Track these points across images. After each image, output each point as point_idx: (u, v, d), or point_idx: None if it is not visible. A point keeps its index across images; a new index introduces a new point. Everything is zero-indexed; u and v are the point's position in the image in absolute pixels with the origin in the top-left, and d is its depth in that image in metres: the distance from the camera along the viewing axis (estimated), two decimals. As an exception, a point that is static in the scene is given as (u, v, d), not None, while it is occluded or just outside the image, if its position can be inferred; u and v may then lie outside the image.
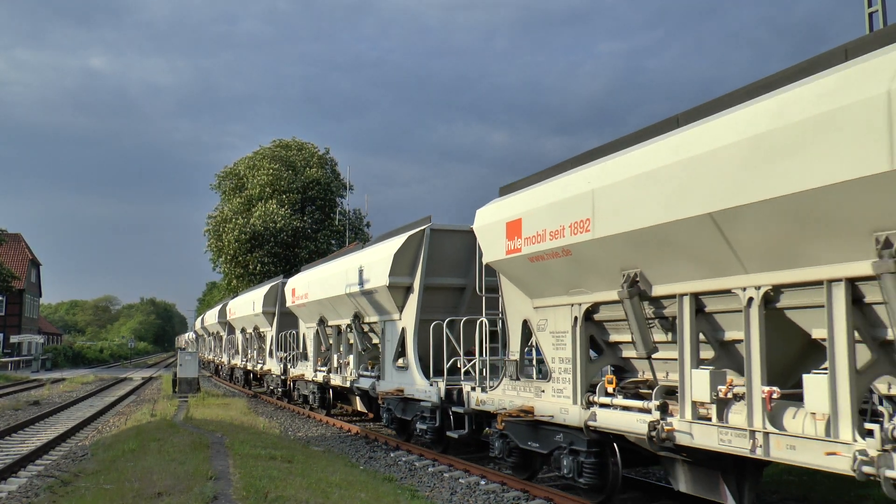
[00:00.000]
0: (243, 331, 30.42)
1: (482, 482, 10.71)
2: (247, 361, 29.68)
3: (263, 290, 26.28)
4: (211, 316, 43.72)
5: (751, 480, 7.77)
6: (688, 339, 7.36)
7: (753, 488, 7.80)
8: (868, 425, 5.57)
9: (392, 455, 13.46)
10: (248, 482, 8.93)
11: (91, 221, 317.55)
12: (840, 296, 5.76)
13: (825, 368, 5.93)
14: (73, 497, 8.77)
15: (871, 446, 5.47)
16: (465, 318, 12.44)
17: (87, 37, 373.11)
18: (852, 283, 5.74)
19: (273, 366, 25.03)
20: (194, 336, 62.46)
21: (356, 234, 48.16)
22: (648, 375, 8.53)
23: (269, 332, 25.86)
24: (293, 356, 22.35)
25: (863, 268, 5.54)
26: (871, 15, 10.50)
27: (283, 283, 23.62)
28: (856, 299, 5.77)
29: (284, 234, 46.47)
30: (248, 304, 28.49)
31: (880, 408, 5.99)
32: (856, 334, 5.79)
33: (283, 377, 23.52)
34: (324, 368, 18.68)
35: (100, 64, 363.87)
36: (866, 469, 5.45)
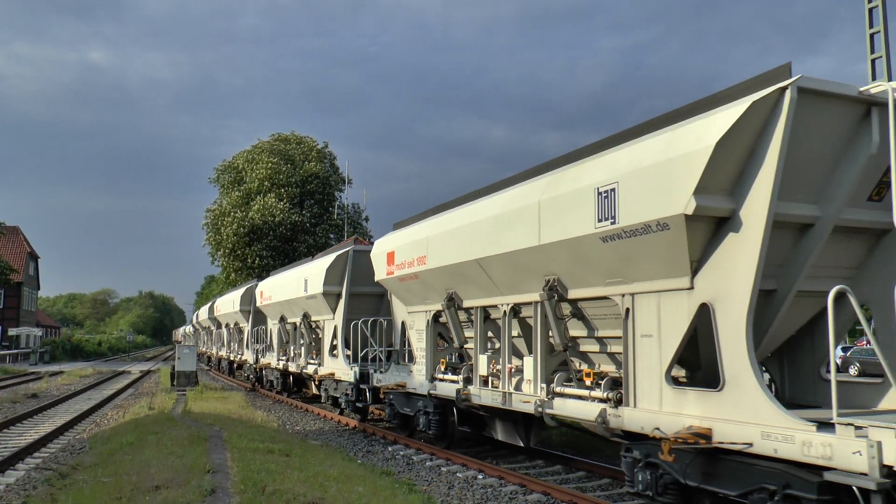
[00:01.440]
0: (227, 326, 34.98)
1: (480, 476, 10.73)
2: (230, 353, 34.68)
3: (240, 291, 30.48)
4: (204, 311, 47.59)
5: (535, 429, 11.99)
6: (478, 335, 11.38)
7: (538, 434, 12.12)
8: (543, 385, 9.48)
9: (390, 449, 13.47)
10: (246, 476, 8.94)
11: (90, 215, 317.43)
12: (539, 310, 9.59)
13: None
14: (71, 490, 8.77)
15: (548, 395, 9.37)
16: (371, 319, 16.34)
17: (87, 31, 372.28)
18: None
19: (248, 356, 28.99)
20: (192, 330, 62.50)
21: (354, 229, 48.19)
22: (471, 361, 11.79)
23: (246, 327, 29.92)
24: (263, 348, 26.32)
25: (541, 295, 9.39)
26: (871, 10, 10.48)
27: (256, 286, 27.40)
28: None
29: (283, 228, 46.46)
30: (229, 303, 32.86)
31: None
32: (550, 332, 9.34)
33: (255, 365, 27.49)
34: (284, 357, 22.71)
35: (99, 58, 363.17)
36: (540, 409, 9.41)
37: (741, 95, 6.70)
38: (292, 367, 21.59)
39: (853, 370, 32.96)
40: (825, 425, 5.76)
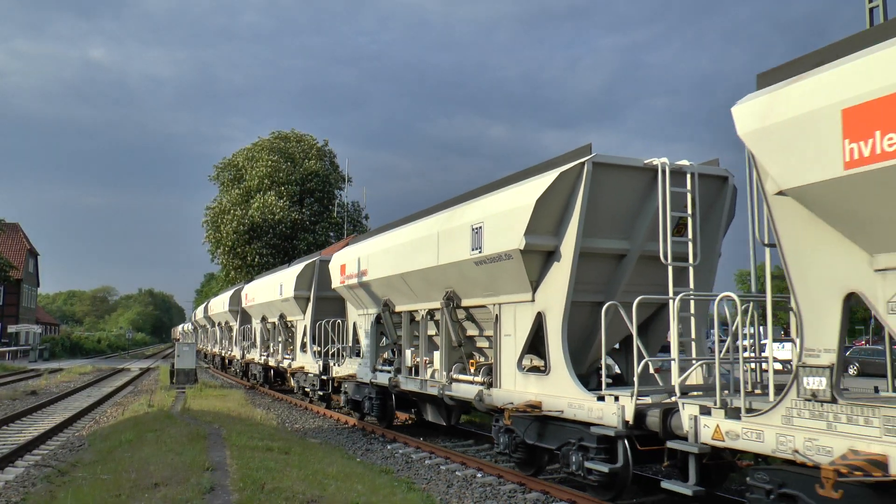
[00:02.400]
0: (219, 325, 38.70)
1: (479, 475, 10.74)
2: (222, 349, 38.99)
3: (230, 293, 33.50)
4: (200, 311, 50.14)
5: (455, 411, 13.82)
6: (405, 333, 13.89)
7: (457, 416, 14.28)
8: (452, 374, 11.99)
9: (389, 447, 13.48)
10: (245, 473, 8.95)
11: (90, 212, 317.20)
12: (442, 314, 12.02)
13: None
14: (70, 487, 8.78)
15: (448, 381, 12.00)
16: (333, 320, 18.50)
17: (88, 28, 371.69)
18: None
19: (237, 352, 32.20)
20: (192, 327, 62.55)
21: (354, 227, 48.13)
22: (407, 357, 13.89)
23: (235, 326, 32.73)
24: (248, 345, 29.29)
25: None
26: (871, 10, 10.46)
27: (242, 288, 30.22)
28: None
29: (283, 226, 46.42)
30: (220, 304, 36.27)
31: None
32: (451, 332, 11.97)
33: (241, 361, 30.64)
34: (266, 353, 25.53)
35: (100, 55, 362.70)
36: (445, 392, 12.10)
37: (557, 166, 9.24)
38: (272, 362, 24.46)
39: (852, 370, 33.00)
40: (602, 398, 8.39)
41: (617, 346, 10.71)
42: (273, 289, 23.00)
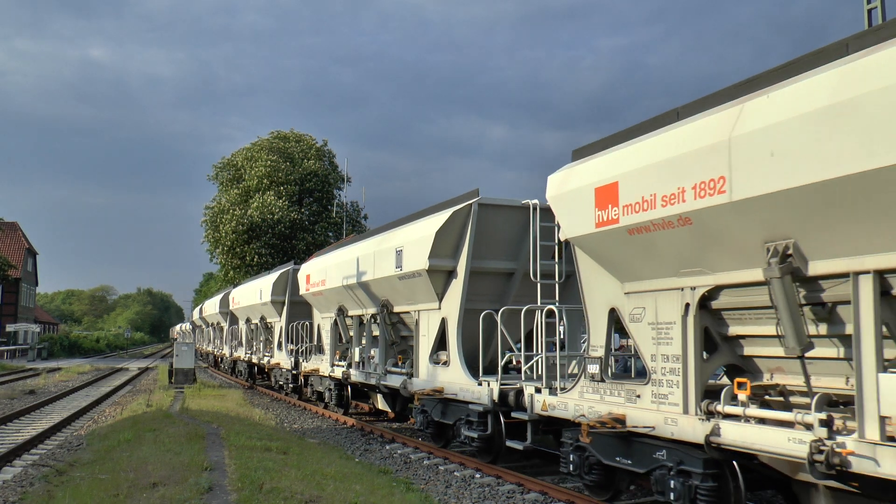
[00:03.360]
0: (212, 325, 41.50)
1: (477, 475, 10.74)
2: (214, 348, 41.86)
3: (220, 296, 36.40)
4: (198, 311, 52.21)
5: (400, 400, 16.00)
6: (355, 333, 16.33)
7: (402, 404, 16.32)
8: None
9: (387, 448, 13.48)
10: (244, 473, 8.95)
11: (89, 211, 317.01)
12: (380, 318, 14.64)
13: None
14: (69, 487, 8.77)
15: (384, 372, 14.41)
16: (303, 322, 20.37)
17: (87, 27, 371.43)
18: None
19: (227, 351, 34.86)
20: (191, 327, 62.56)
21: (353, 227, 48.13)
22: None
23: (225, 327, 35.37)
24: (236, 344, 31.82)
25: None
26: (870, 11, 10.48)
27: (230, 292, 32.67)
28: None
29: (282, 226, 46.41)
30: (213, 305, 39.21)
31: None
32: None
33: (230, 358, 33.35)
34: (250, 352, 28.08)
35: (99, 54, 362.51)
36: (381, 382, 14.45)
37: (453, 205, 11.84)
38: (255, 359, 26.93)
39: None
40: (481, 383, 10.96)
41: (520, 344, 11.76)
42: (254, 294, 25.65)
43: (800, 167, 5.72)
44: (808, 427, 5.96)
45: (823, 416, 5.86)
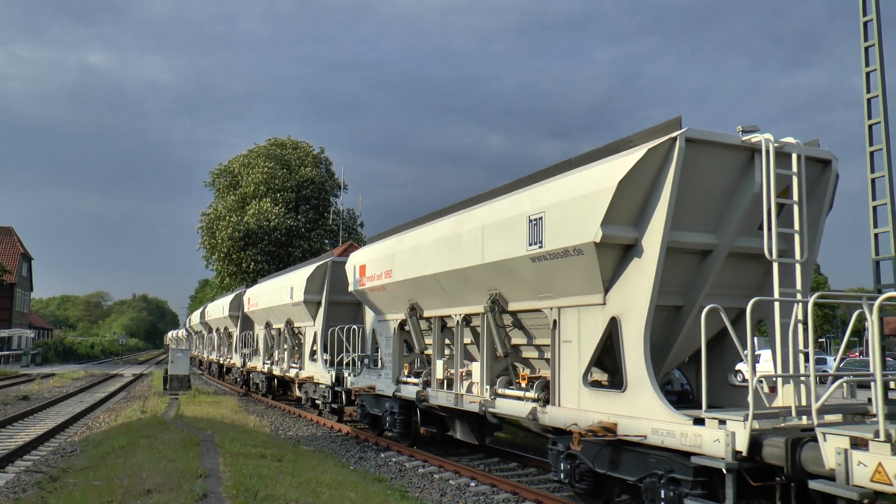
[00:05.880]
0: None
1: (472, 483, 10.72)
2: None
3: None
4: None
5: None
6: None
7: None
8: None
9: (382, 455, 13.45)
10: (238, 480, 8.92)
11: (85, 216, 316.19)
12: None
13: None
14: (62, 493, 8.74)
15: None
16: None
17: (87, 33, 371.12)
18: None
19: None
20: (185, 333, 62.43)
21: (349, 234, 48.12)
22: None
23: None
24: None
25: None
26: (865, 24, 10.55)
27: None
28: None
29: (278, 233, 46.36)
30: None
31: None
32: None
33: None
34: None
35: (98, 60, 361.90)
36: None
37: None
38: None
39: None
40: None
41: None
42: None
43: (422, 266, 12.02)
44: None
45: (423, 380, 12.82)
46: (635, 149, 7.80)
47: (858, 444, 5.69)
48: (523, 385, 10.08)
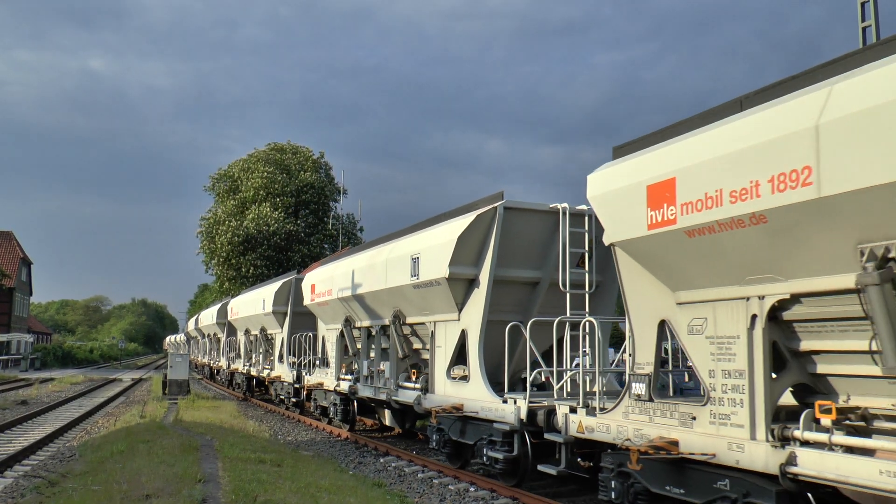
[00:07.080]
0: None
1: (471, 489, 10.70)
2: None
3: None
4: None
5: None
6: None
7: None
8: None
9: (381, 461, 13.43)
10: (237, 485, 8.91)
11: (84, 221, 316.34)
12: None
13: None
14: (61, 498, 8.71)
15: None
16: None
17: (88, 38, 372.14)
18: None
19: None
20: (185, 338, 62.37)
21: (349, 239, 48.12)
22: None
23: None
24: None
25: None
26: (864, 29, 10.58)
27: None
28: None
29: (277, 238, 46.38)
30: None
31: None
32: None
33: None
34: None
35: (99, 65, 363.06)
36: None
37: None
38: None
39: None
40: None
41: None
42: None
43: None
44: None
45: None
46: (471, 213, 11.03)
47: (574, 410, 8.87)
48: (413, 379, 13.31)
